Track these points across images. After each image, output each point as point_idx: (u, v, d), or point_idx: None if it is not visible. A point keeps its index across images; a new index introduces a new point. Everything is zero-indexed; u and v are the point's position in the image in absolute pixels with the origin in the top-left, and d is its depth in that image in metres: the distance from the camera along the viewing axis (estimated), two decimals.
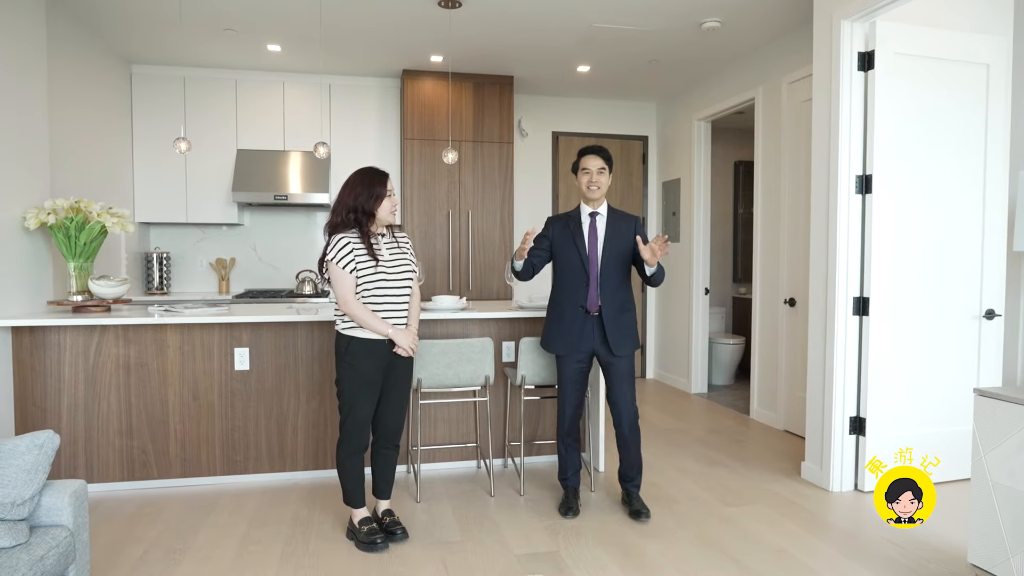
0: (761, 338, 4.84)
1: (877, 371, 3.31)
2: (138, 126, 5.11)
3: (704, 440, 4.33)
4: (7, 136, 3.20)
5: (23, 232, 3.32)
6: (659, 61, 5.04)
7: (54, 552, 1.79)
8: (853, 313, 3.34)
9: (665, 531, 2.90)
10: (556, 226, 3.09)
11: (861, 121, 3.31)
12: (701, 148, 5.65)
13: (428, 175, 5.32)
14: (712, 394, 5.71)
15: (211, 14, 4.08)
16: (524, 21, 4.21)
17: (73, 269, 3.45)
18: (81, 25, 4.21)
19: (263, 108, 5.32)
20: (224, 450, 3.46)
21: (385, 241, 2.79)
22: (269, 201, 5.13)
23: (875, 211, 3.27)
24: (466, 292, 5.42)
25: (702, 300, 5.71)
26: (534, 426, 3.84)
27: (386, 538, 2.74)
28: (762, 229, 4.82)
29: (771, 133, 4.69)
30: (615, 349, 2.99)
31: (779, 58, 4.54)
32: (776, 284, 4.65)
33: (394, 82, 5.51)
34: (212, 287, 5.49)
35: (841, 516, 3.08)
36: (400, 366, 2.81)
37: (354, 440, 2.73)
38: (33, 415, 3.26)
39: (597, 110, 6.21)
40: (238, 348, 3.44)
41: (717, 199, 6.71)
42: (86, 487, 2.04)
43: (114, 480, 3.36)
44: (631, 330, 3.04)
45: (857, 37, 3.29)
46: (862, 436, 3.35)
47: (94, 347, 3.31)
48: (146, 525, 2.95)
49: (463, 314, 3.56)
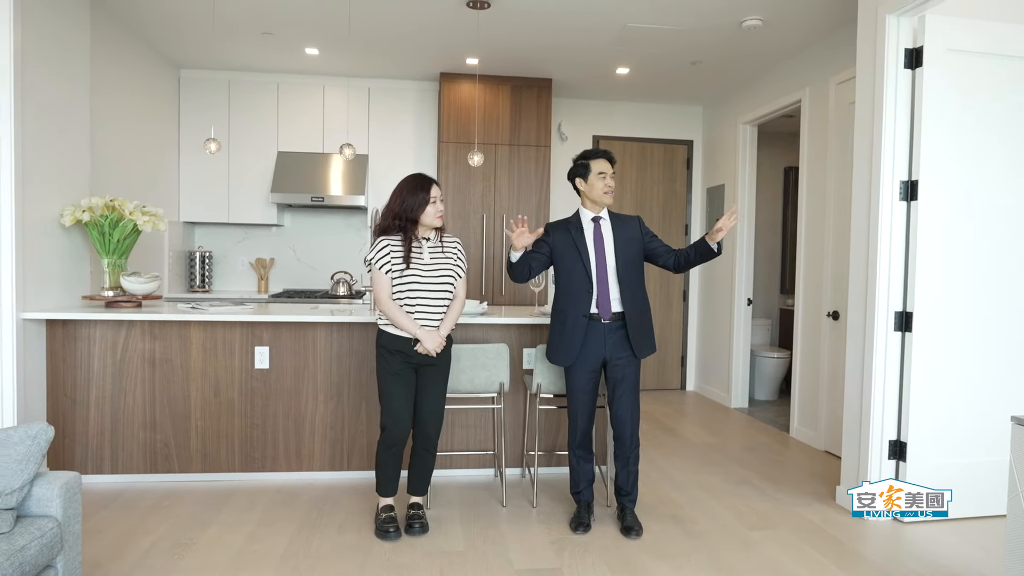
0: (803, 352, 4.59)
1: (920, 392, 3.06)
2: (185, 128, 5.28)
3: (737, 457, 4.12)
4: (50, 139, 3.33)
5: (61, 229, 3.46)
6: (701, 62, 4.87)
7: (37, 543, 1.82)
8: (895, 329, 3.10)
9: (678, 552, 2.75)
10: (556, 233, 2.98)
11: (907, 123, 3.08)
12: (746, 153, 5.42)
13: (463, 178, 5.29)
14: (753, 409, 5.46)
15: (248, 17, 4.17)
16: (555, 21, 4.12)
17: (107, 265, 3.57)
18: (130, 32, 4.38)
19: (303, 110, 5.41)
20: (243, 447, 3.50)
21: (430, 246, 2.85)
22: (306, 202, 5.21)
23: (921, 219, 3.03)
24: (499, 297, 5.37)
25: (744, 311, 5.47)
26: (554, 436, 3.74)
27: (404, 531, 2.85)
28: (806, 238, 4.58)
29: (818, 137, 4.44)
30: (638, 352, 2.90)
31: (826, 57, 4.30)
32: (819, 296, 4.40)
33: (432, 85, 5.51)
34: (252, 286, 5.62)
35: (874, 547, 2.85)
36: (431, 367, 2.85)
37: (391, 434, 2.82)
38: (63, 405, 3.38)
39: (639, 113, 6.06)
40: (258, 347, 3.48)
41: (764, 207, 6.43)
42: (79, 479, 2.07)
43: (137, 472, 3.44)
44: (651, 332, 2.96)
45: (904, 32, 3.07)
46: (902, 461, 3.10)
47: (122, 341, 3.41)
48: (159, 518, 3.00)
49: (483, 319, 3.50)
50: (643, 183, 6.07)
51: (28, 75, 3.13)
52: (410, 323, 2.76)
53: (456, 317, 2.89)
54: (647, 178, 6.07)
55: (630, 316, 2.88)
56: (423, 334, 2.76)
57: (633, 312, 2.89)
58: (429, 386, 2.88)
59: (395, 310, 2.77)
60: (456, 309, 2.89)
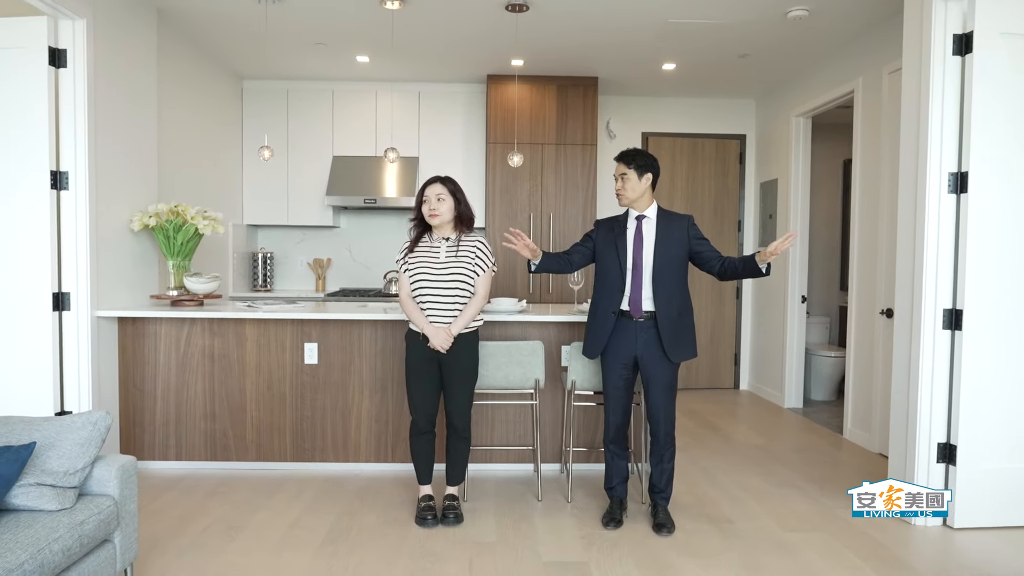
0: (856, 351, 4.43)
1: (971, 393, 2.93)
2: (247, 136, 5.58)
3: (783, 459, 4.03)
4: (120, 155, 3.61)
5: (131, 234, 3.74)
6: (749, 55, 4.77)
7: (95, 518, 2.01)
8: (943, 327, 2.98)
9: (708, 551, 2.74)
10: (601, 229, 3.03)
11: (956, 112, 2.94)
12: (800, 146, 5.27)
13: (510, 178, 5.37)
14: (808, 410, 5.31)
15: (300, 29, 4.37)
16: (594, 20, 4.14)
17: (172, 267, 3.83)
18: (196, 48, 4.67)
19: (357, 115, 5.62)
20: (294, 438, 3.70)
21: (448, 245, 2.96)
22: (360, 204, 5.41)
23: (971, 212, 2.90)
24: (546, 295, 5.42)
25: (798, 309, 5.32)
26: (592, 433, 3.77)
27: (439, 520, 2.97)
28: (859, 233, 4.42)
29: (871, 128, 4.28)
30: (671, 355, 2.89)
31: (879, 46, 4.14)
32: (873, 293, 4.24)
33: (480, 87, 5.62)
34: (310, 285, 5.88)
35: (919, 554, 2.75)
36: (451, 362, 2.95)
37: (416, 423, 3.04)
38: (133, 396, 3.66)
39: (689, 109, 5.98)
40: (307, 343, 3.67)
41: (821, 201, 6.23)
42: (135, 462, 2.26)
43: (199, 459, 3.69)
44: (689, 336, 2.93)
45: (952, 17, 2.93)
46: (952, 465, 2.97)
47: (184, 337, 3.66)
48: (217, 502, 3.22)
49: (521, 316, 3.57)
50: (694, 179, 5.98)
51: (100, 99, 3.40)
52: (420, 319, 2.93)
53: (472, 315, 2.95)
54: (698, 174, 5.99)
55: (661, 316, 2.88)
56: (431, 331, 2.90)
57: (666, 313, 2.88)
58: (451, 380, 3.00)
59: (410, 307, 2.95)
60: (473, 307, 2.95)
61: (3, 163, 3.20)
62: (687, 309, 2.95)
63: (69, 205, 3.29)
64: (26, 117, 3.19)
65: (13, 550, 1.74)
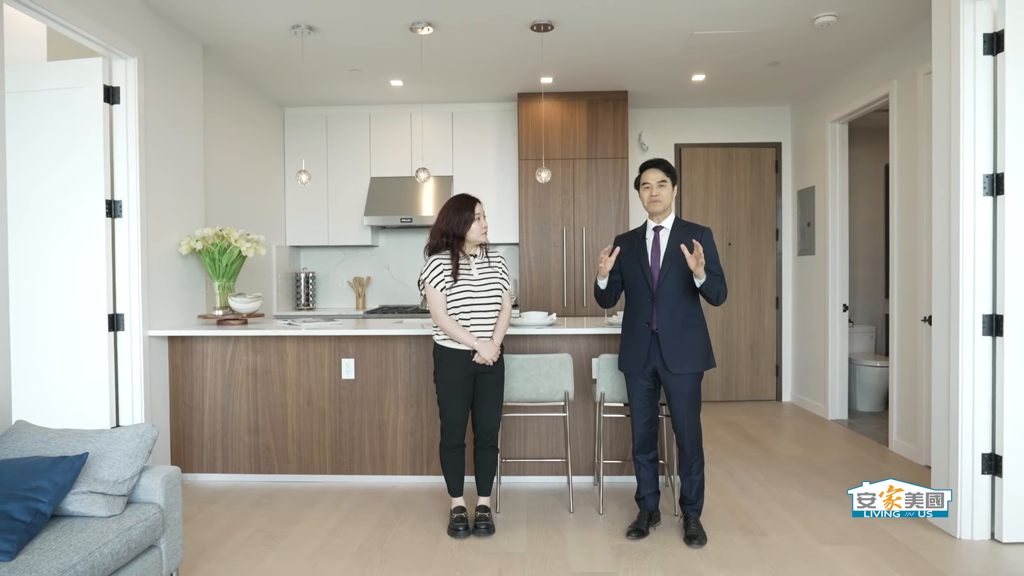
0: (900, 360, 4.31)
1: (1016, 401, 2.83)
2: (289, 161, 5.80)
3: (824, 471, 3.94)
4: (170, 179, 3.83)
5: (179, 257, 3.95)
6: (779, 63, 4.74)
7: (141, 524, 2.14)
8: (983, 333, 2.89)
9: (739, 564, 2.71)
10: (623, 244, 3.04)
11: (989, 112, 2.88)
12: (837, 152, 5.19)
13: (542, 194, 5.44)
14: (853, 421, 5.17)
15: (336, 57, 4.56)
16: (618, 37, 4.20)
17: (217, 287, 4.02)
18: (239, 79, 4.92)
19: (393, 138, 5.79)
20: (333, 451, 3.81)
21: (477, 261, 3.05)
22: (396, 224, 5.56)
23: (1009, 214, 2.82)
24: (580, 308, 5.45)
25: (840, 318, 5.20)
26: (624, 444, 3.76)
27: (471, 531, 3.01)
28: (899, 238, 4.32)
29: (907, 131, 4.20)
30: (672, 367, 2.87)
31: (912, 48, 4.07)
32: (915, 300, 4.13)
33: (511, 106, 5.72)
34: (350, 303, 6.05)
35: (962, 568, 2.66)
36: (489, 374, 3.03)
37: (449, 437, 3.06)
38: (182, 411, 3.84)
39: (722, 118, 5.95)
40: (345, 359, 3.79)
41: (863, 207, 6.10)
42: (179, 472, 2.39)
43: (244, 472, 3.84)
44: (694, 348, 2.90)
45: (982, 17, 2.88)
46: (998, 477, 2.87)
47: (229, 355, 3.83)
48: (259, 513, 3.34)
49: (550, 330, 3.62)
50: (729, 188, 5.94)
51: (151, 132, 3.63)
52: (467, 336, 2.96)
53: (505, 326, 3.07)
54: (733, 183, 5.94)
55: (662, 327, 2.88)
56: (480, 345, 2.95)
57: (668, 324, 2.88)
58: (486, 392, 3.06)
59: (452, 324, 2.96)
60: (504, 319, 3.07)
61: (62, 193, 3.43)
62: (697, 321, 2.93)
63: (123, 232, 3.50)
64: (83, 150, 3.43)
65: (67, 552, 1.87)
